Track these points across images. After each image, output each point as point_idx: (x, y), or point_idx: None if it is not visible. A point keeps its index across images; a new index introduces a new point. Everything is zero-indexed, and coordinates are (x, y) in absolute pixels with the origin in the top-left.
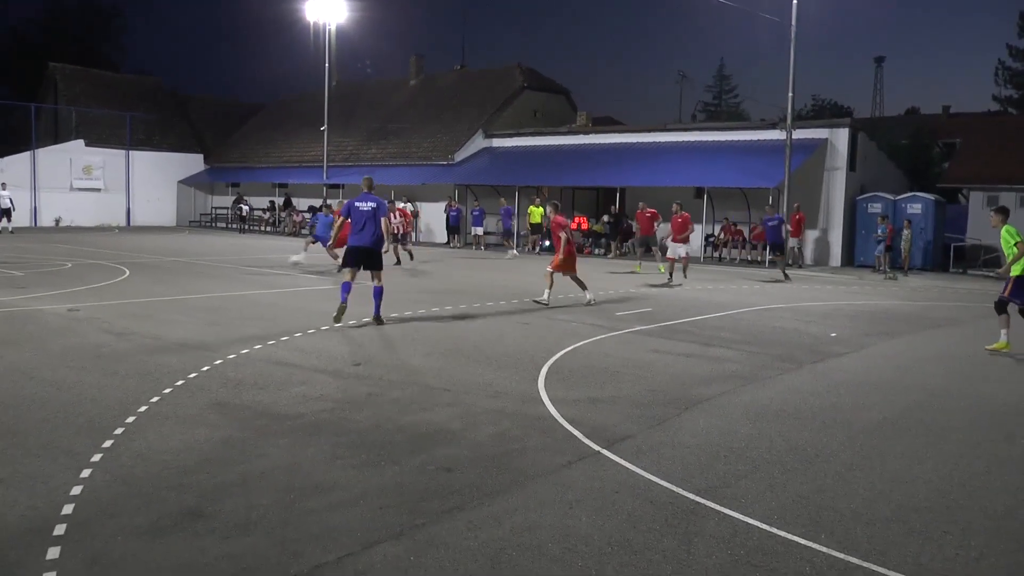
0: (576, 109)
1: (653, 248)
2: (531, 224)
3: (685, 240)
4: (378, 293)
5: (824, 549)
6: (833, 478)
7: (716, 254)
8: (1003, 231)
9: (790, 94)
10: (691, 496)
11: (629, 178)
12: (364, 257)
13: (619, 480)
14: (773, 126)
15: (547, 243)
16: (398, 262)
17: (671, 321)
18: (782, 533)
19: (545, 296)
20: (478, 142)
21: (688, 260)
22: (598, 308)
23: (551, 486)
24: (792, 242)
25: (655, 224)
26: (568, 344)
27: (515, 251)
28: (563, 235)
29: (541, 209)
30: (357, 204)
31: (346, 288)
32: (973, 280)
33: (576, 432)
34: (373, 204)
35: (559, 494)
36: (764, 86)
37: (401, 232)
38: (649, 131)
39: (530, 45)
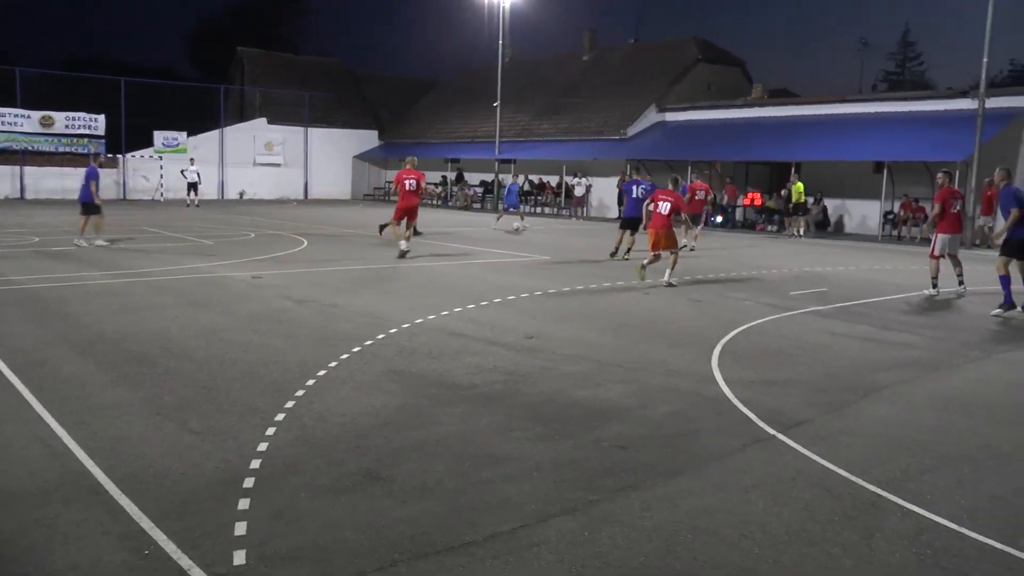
0: (751, 81)
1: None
2: (795, 203)
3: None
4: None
5: None
6: None
7: (895, 232)
8: None
9: (984, 59)
10: (872, 488)
11: (805, 152)
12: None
13: (795, 467)
14: (963, 94)
15: (718, 219)
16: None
17: (848, 302)
18: (975, 535)
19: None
20: (651, 116)
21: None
22: (771, 287)
23: (726, 469)
24: (981, 220)
25: (707, 198)
26: (741, 323)
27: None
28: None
29: (800, 185)
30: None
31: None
32: None
33: (751, 415)
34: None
35: (735, 478)
36: (954, 52)
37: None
38: (826, 103)
39: (704, 17)
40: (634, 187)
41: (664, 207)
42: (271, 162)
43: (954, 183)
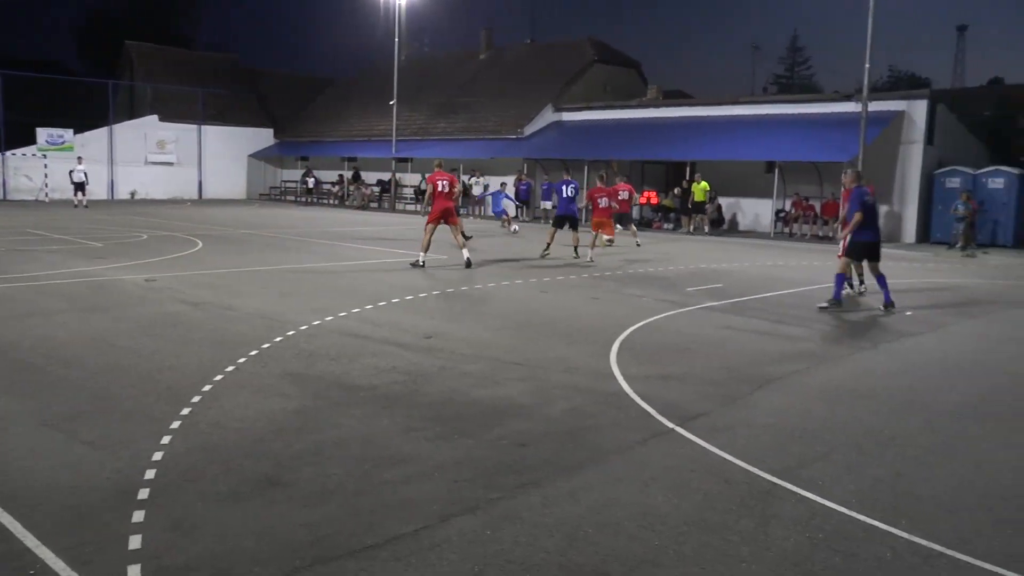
0: (647, 83)
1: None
2: (695, 201)
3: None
4: None
5: (905, 535)
6: (913, 463)
7: (787, 229)
8: None
9: (866, 65)
10: (767, 476)
11: (699, 152)
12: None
13: (694, 458)
14: (848, 98)
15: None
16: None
17: (742, 297)
18: (861, 517)
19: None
20: (547, 116)
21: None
22: (668, 284)
23: (626, 463)
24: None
25: (632, 198)
26: (639, 320)
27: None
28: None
29: (705, 184)
30: None
31: None
32: None
33: (650, 409)
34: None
35: (635, 471)
36: (839, 58)
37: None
38: (720, 104)
39: (600, 18)
40: (564, 187)
41: (603, 201)
42: (163, 161)
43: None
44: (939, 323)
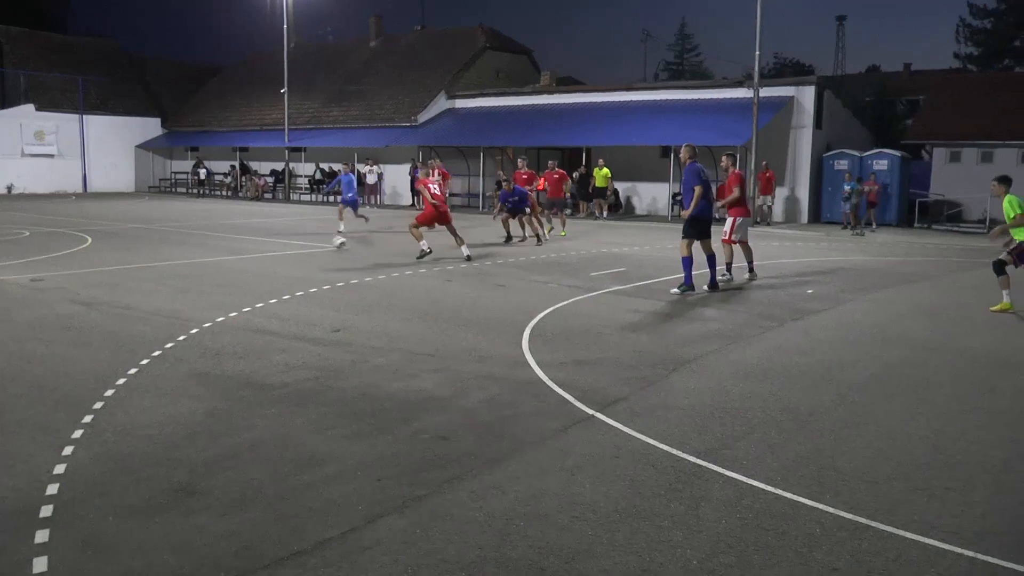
0: (539, 70)
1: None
2: (596, 187)
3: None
4: None
5: (831, 510)
6: (830, 437)
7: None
8: (1005, 201)
9: (756, 52)
10: (692, 459)
11: (595, 138)
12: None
13: (617, 444)
14: (739, 84)
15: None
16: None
17: (646, 280)
18: (788, 495)
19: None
20: (441, 103)
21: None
22: (573, 269)
23: (549, 452)
24: (761, 200)
25: (564, 185)
26: (547, 306)
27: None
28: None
29: (607, 171)
30: None
31: None
32: (938, 235)
33: (567, 396)
34: None
35: (559, 460)
36: (725, 45)
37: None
38: (614, 90)
39: (490, 4)
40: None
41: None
42: (43, 152)
43: (736, 166)
44: (838, 300)
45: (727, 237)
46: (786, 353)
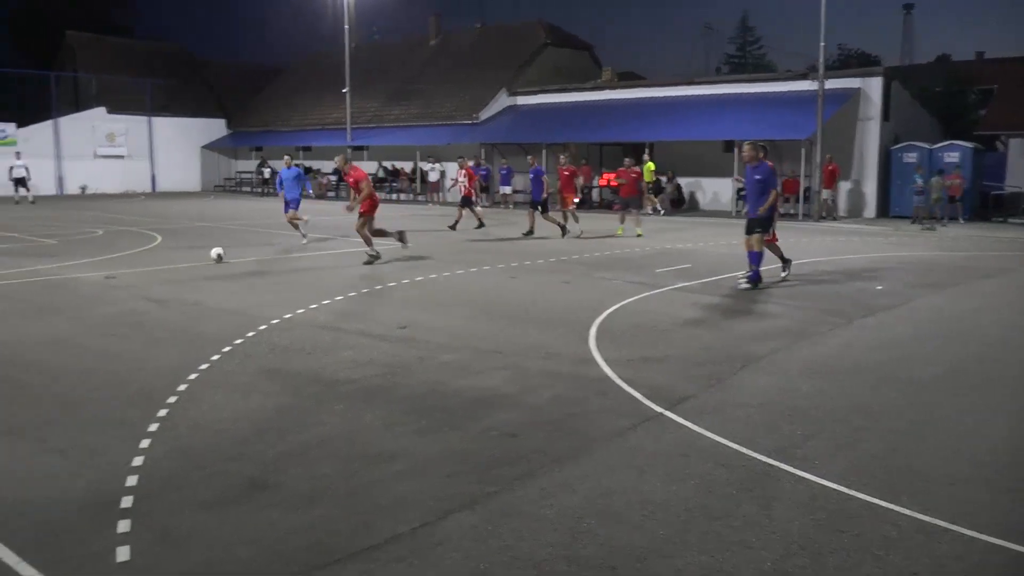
0: (600, 65)
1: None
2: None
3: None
4: None
5: (908, 512)
6: (903, 436)
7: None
8: None
9: (821, 43)
10: (762, 458)
11: (656, 133)
12: None
13: (686, 443)
14: (803, 77)
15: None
16: (453, 226)
17: (712, 277)
18: (861, 495)
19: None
20: (502, 100)
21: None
22: (637, 266)
23: (618, 450)
24: (825, 194)
25: (639, 183)
26: (612, 303)
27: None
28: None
29: (651, 164)
30: None
31: None
32: (1015, 228)
33: (635, 393)
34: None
35: (628, 458)
36: (789, 37)
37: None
38: (675, 85)
39: (549, 0)
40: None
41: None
42: (114, 154)
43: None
44: (909, 296)
45: (773, 236)
46: (856, 350)
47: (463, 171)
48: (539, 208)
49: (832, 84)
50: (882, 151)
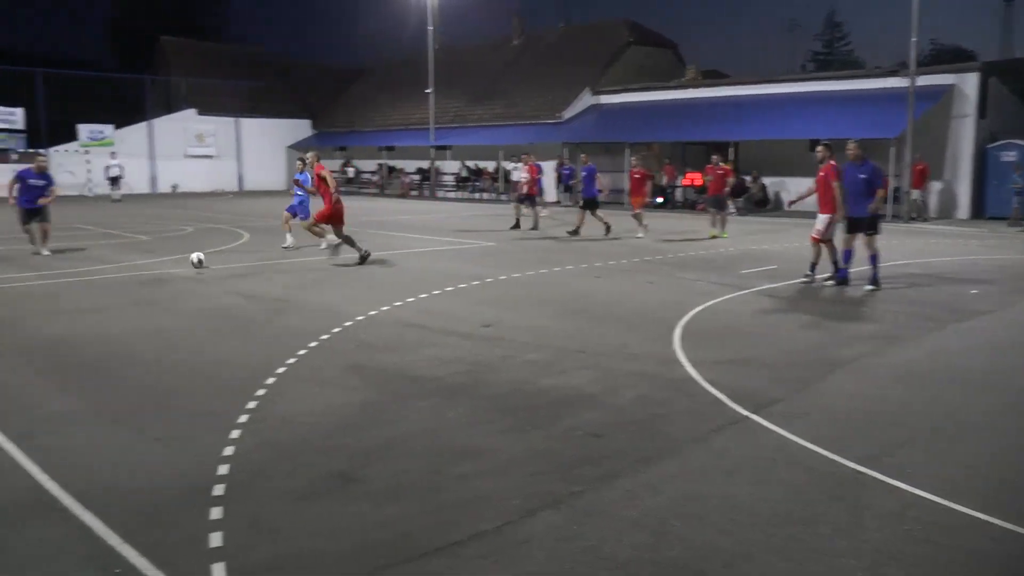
0: (684, 63)
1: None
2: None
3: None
4: None
5: (1006, 524)
6: (999, 447)
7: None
8: None
9: (913, 38)
10: (852, 465)
11: (740, 132)
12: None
13: (774, 447)
14: (893, 73)
15: (659, 200)
16: (516, 225)
17: (798, 279)
18: (956, 506)
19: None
20: (586, 99)
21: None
22: (722, 267)
23: (704, 453)
24: (914, 194)
25: (726, 181)
26: (697, 304)
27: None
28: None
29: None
30: None
31: None
32: None
33: (721, 396)
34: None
35: (714, 461)
36: (877, 34)
37: (525, 192)
38: (760, 83)
39: None
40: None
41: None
42: (203, 154)
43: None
44: (1006, 301)
45: (821, 235)
46: (949, 356)
47: (526, 167)
48: (589, 206)
49: (924, 81)
50: (977, 150)
